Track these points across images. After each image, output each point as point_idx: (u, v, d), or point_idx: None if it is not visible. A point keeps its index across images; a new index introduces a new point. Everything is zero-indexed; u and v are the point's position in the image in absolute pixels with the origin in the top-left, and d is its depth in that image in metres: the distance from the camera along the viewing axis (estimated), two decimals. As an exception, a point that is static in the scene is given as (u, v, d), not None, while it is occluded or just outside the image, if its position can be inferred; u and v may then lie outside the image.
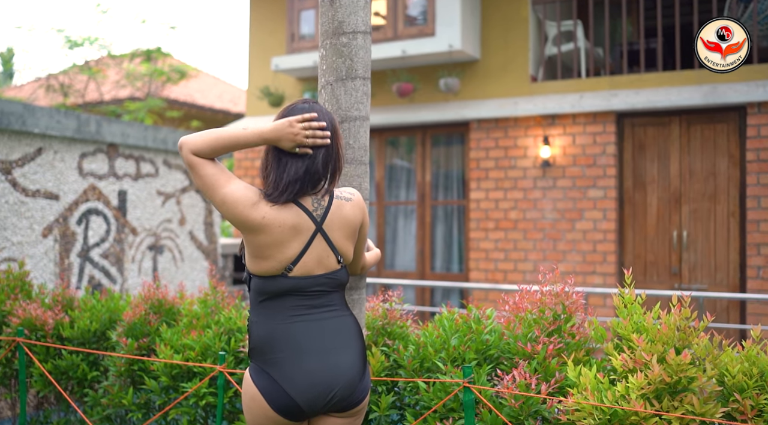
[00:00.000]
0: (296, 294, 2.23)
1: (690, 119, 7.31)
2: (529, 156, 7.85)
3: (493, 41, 8.24)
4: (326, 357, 2.18)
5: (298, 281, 2.22)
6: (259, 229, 2.17)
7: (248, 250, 2.24)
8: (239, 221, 2.18)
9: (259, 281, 2.23)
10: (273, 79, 9.35)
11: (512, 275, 7.91)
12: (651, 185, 7.48)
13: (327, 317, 2.26)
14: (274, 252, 2.19)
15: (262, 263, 2.21)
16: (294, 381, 2.14)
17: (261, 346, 2.20)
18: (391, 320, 3.05)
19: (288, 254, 2.20)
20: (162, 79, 13.43)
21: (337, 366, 2.18)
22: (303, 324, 2.21)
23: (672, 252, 7.37)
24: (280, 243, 2.19)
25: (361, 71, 2.82)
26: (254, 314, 2.27)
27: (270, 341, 2.19)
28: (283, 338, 2.18)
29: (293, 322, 2.21)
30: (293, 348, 2.17)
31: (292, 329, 2.20)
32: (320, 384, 2.16)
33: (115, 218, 6.56)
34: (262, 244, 2.19)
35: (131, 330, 3.41)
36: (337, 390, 2.18)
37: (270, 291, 2.22)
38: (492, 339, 2.77)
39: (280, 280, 2.21)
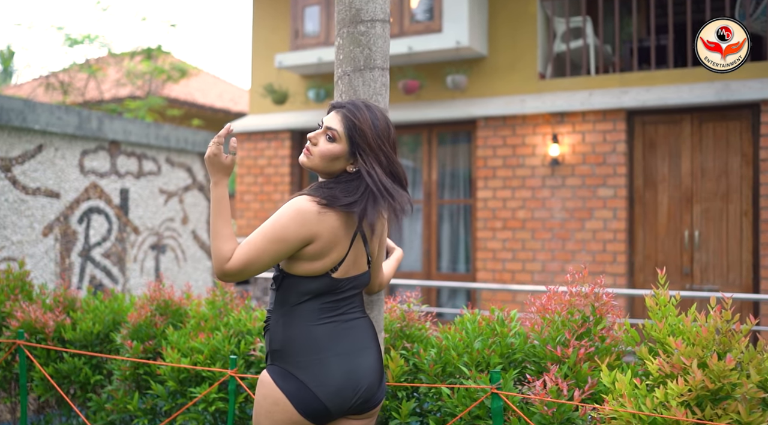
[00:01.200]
0: (329, 295, 2.12)
1: (702, 116, 7.18)
2: (537, 154, 7.72)
3: (500, 38, 8.11)
4: (353, 359, 2.10)
5: (337, 281, 2.12)
6: (311, 242, 2.07)
7: (301, 254, 2.10)
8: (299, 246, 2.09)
9: (299, 281, 2.10)
10: (277, 77, 9.21)
11: (520, 275, 7.78)
12: (662, 184, 7.35)
13: (351, 318, 2.18)
14: (328, 253, 2.09)
15: (314, 263, 2.09)
16: (325, 385, 2.03)
17: (288, 348, 2.07)
18: (409, 322, 2.92)
19: (338, 254, 2.11)
20: (162, 77, 13.29)
21: (362, 368, 2.11)
22: (332, 325, 2.11)
23: (683, 252, 7.24)
24: (332, 245, 2.09)
25: (379, 61, 2.69)
26: (279, 315, 2.13)
27: (299, 343, 2.06)
28: (313, 340, 2.07)
29: (324, 323, 2.10)
30: (323, 351, 2.06)
31: (322, 330, 2.09)
32: (348, 387, 2.07)
33: (117, 216, 6.43)
34: (313, 251, 2.08)
35: (136, 332, 3.28)
36: (361, 392, 2.11)
37: (308, 291, 2.10)
38: (517, 343, 2.64)
39: (323, 280, 2.10)
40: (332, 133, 2.13)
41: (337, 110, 2.20)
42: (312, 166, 2.17)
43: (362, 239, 2.18)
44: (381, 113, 2.20)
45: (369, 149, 2.12)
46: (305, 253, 2.05)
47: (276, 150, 9.18)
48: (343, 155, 2.14)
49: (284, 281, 2.11)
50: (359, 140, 2.12)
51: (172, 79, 13.42)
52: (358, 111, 2.16)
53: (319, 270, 2.08)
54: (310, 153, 2.16)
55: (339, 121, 2.15)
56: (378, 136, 2.14)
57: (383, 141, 2.15)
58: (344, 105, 2.20)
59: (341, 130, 2.14)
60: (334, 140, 2.13)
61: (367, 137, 2.11)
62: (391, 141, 2.19)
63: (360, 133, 2.12)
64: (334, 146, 2.13)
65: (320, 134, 2.17)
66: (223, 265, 1.98)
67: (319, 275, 2.10)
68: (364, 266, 2.21)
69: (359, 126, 2.12)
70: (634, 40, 7.64)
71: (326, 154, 2.14)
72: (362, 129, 2.12)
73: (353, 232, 2.14)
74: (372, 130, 2.13)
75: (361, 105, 2.19)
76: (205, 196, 7.40)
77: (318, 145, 2.15)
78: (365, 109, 2.18)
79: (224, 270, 1.99)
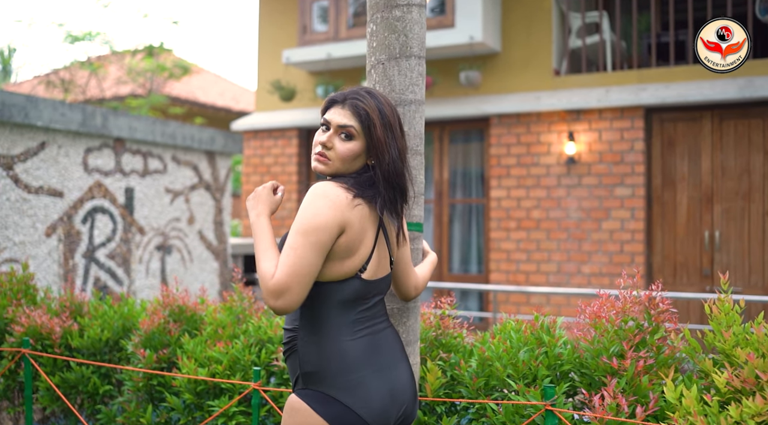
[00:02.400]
0: (360, 303, 1.92)
1: (723, 113, 6.98)
2: (552, 153, 7.52)
3: (514, 33, 7.91)
4: (392, 375, 1.92)
5: (367, 284, 1.92)
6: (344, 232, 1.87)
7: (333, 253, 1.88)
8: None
9: (327, 288, 1.87)
10: (284, 73, 9.00)
11: (535, 277, 7.58)
12: (681, 183, 7.15)
13: (382, 329, 2.00)
14: (359, 246, 1.89)
15: (344, 262, 1.87)
16: (370, 407, 1.82)
17: (325, 370, 1.85)
18: (444, 330, 2.72)
19: (366, 250, 1.92)
20: (164, 75, 13.09)
21: (400, 383, 1.94)
22: (368, 339, 1.92)
23: (703, 253, 7.04)
24: (360, 238, 1.89)
25: (416, 49, 2.48)
26: (309, 333, 1.90)
27: (337, 362, 1.85)
28: (351, 357, 1.86)
29: (359, 337, 1.90)
30: (363, 368, 1.86)
31: (359, 345, 1.88)
32: (393, 406, 1.88)
33: (122, 216, 6.22)
34: (350, 239, 1.87)
35: (149, 340, 3.07)
36: (404, 409, 1.94)
37: (339, 300, 1.89)
38: (565, 353, 2.44)
39: (353, 283, 1.89)
40: (348, 130, 1.95)
41: (341, 103, 2.00)
42: (332, 172, 1.97)
43: (384, 235, 2.01)
44: (384, 98, 2.02)
45: (382, 139, 1.94)
46: (337, 247, 1.84)
47: (283, 148, 8.98)
48: (363, 152, 1.96)
49: (312, 291, 1.89)
50: (373, 131, 1.94)
51: (174, 76, 13.22)
52: (363, 100, 1.97)
53: (349, 271, 1.88)
54: (326, 159, 1.97)
55: (350, 115, 1.96)
56: (388, 124, 1.97)
57: (393, 129, 1.98)
58: (346, 96, 2.00)
59: (356, 124, 1.95)
60: (351, 137, 1.95)
61: (377, 127, 1.93)
62: (400, 127, 2.02)
63: (372, 123, 1.94)
64: (354, 144, 1.95)
65: (333, 136, 1.97)
66: (267, 283, 1.72)
67: (349, 277, 1.90)
68: (387, 267, 2.03)
69: (371, 115, 1.94)
70: (652, 35, 7.44)
71: (347, 155, 1.95)
72: (373, 119, 1.94)
73: (377, 226, 1.96)
74: (380, 118, 1.95)
75: (363, 93, 2.00)
76: (212, 195, 7.19)
77: (335, 147, 1.96)
78: (369, 96, 1.99)
79: (269, 289, 1.71)
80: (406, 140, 2.05)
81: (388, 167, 1.93)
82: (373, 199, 1.91)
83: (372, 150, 1.94)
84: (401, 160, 1.97)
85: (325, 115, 2.00)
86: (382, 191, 1.94)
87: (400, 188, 1.97)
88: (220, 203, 7.31)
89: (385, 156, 1.93)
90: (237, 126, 9.22)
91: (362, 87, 2.05)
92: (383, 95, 2.03)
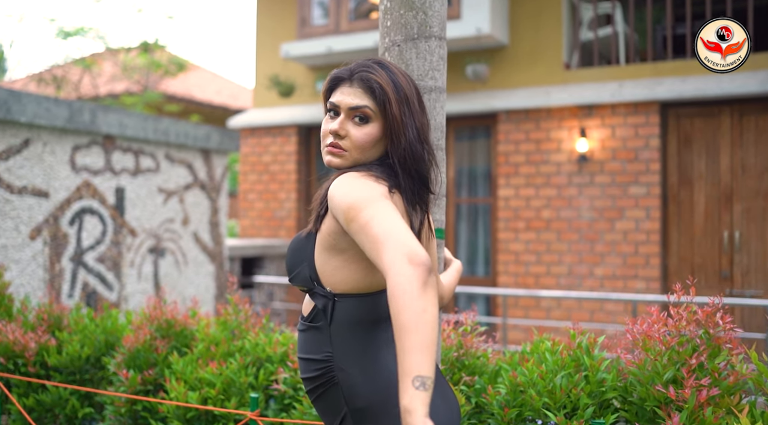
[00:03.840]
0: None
1: (743, 108, 6.65)
2: (563, 150, 7.19)
3: (523, 25, 7.58)
4: (449, 391, 1.62)
5: None
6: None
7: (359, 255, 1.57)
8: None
9: (357, 302, 1.57)
10: (283, 68, 8.66)
11: (545, 279, 7.25)
12: (698, 182, 6.83)
13: None
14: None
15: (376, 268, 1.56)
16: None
17: (383, 401, 1.52)
18: (467, 349, 2.39)
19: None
20: (159, 71, 12.75)
21: (454, 402, 1.62)
22: None
23: (722, 255, 6.72)
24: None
25: (437, 28, 2.16)
26: (351, 357, 1.58)
27: (390, 390, 1.51)
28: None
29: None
30: None
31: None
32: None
33: (112, 217, 5.89)
34: None
35: (133, 358, 2.74)
36: None
37: (378, 313, 1.58)
38: (609, 379, 2.12)
39: (384, 295, 1.57)
40: (362, 111, 1.62)
41: (348, 81, 1.66)
42: (351, 164, 1.64)
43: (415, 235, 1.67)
44: (398, 68, 1.69)
45: (398, 117, 1.60)
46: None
47: (282, 146, 8.64)
48: (382, 135, 1.63)
49: (338, 309, 1.57)
50: (388, 109, 1.60)
51: (170, 73, 12.88)
52: (374, 72, 1.64)
53: (384, 279, 1.55)
54: (341, 149, 1.63)
55: (362, 93, 1.63)
56: (404, 99, 1.62)
57: (410, 103, 1.63)
58: (353, 71, 1.66)
59: (370, 103, 1.62)
60: (367, 119, 1.62)
61: (392, 103, 1.60)
62: (418, 101, 1.68)
63: (387, 99, 1.60)
64: (371, 127, 1.63)
65: (345, 121, 1.64)
66: (416, 268, 1.23)
67: (379, 290, 1.58)
68: None
69: (385, 89, 1.61)
70: (667, 27, 7.11)
71: (366, 141, 1.62)
72: (388, 93, 1.60)
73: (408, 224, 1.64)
74: (395, 92, 1.61)
75: (372, 64, 1.66)
76: (207, 195, 6.86)
77: (349, 134, 1.63)
78: (380, 68, 1.65)
79: (423, 269, 1.24)
80: (427, 115, 1.71)
81: (404, 152, 1.60)
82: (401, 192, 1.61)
83: (386, 131, 1.62)
84: (420, 141, 1.63)
85: (331, 98, 1.67)
86: (401, 181, 1.61)
87: (419, 176, 1.63)
88: (216, 203, 6.98)
89: (401, 138, 1.60)
90: (234, 123, 8.88)
91: (370, 58, 1.71)
92: (396, 65, 1.70)
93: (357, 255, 1.57)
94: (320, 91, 1.76)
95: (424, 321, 1.17)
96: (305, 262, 1.64)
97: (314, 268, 1.62)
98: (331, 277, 1.60)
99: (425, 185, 1.65)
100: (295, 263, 1.68)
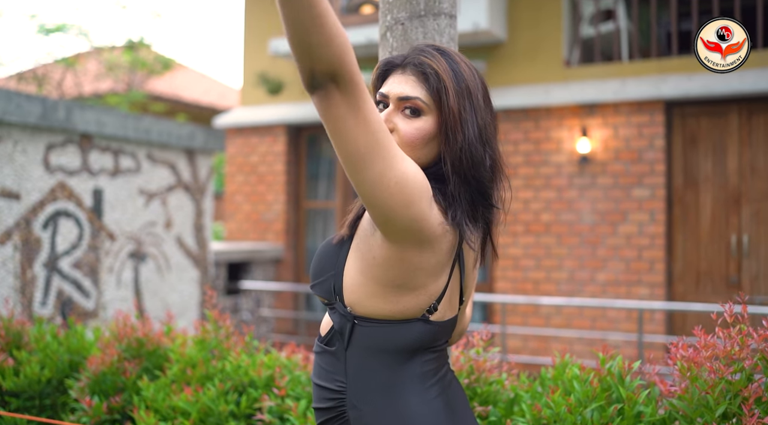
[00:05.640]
0: (426, 351, 1.38)
1: (751, 107, 6.38)
2: (564, 150, 6.91)
3: (521, 21, 7.29)
4: None
5: (437, 328, 1.38)
6: (429, 242, 1.30)
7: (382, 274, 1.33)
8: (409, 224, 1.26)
9: (384, 329, 1.33)
10: (271, 65, 8.34)
11: (545, 285, 6.96)
12: (705, 184, 6.55)
13: (450, 380, 1.45)
14: (429, 281, 1.33)
15: (406, 297, 1.33)
16: None
17: None
18: (479, 374, 2.09)
19: (439, 285, 1.36)
20: (145, 71, 12.40)
21: None
22: (443, 398, 1.38)
23: (730, 260, 6.44)
24: (440, 267, 1.34)
25: (447, 5, 1.86)
26: (367, 393, 1.34)
27: None
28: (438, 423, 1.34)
29: (434, 396, 1.36)
30: None
31: (435, 408, 1.35)
32: None
33: (89, 221, 5.55)
34: (419, 266, 1.31)
35: (98, 383, 2.41)
36: None
37: (402, 345, 1.34)
38: (647, 412, 1.81)
39: (417, 327, 1.34)
40: (414, 103, 1.34)
41: (401, 67, 1.39)
42: None
43: (460, 265, 1.42)
44: (460, 56, 1.40)
45: (455, 111, 1.32)
46: (419, 264, 1.30)
47: (270, 146, 8.31)
48: (437, 131, 1.35)
49: (357, 333, 1.34)
50: (444, 100, 1.32)
51: (156, 72, 12.54)
52: (431, 57, 1.36)
53: (415, 308, 1.34)
54: None
55: (415, 82, 1.35)
56: (466, 91, 1.34)
57: (472, 97, 1.35)
58: (407, 57, 1.38)
59: (424, 94, 1.34)
60: (419, 112, 1.34)
61: (449, 94, 1.32)
62: (484, 97, 1.39)
63: (444, 89, 1.32)
64: (424, 121, 1.35)
65: (394, 112, 1.36)
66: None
67: (413, 318, 1.34)
68: (456, 305, 1.45)
69: (442, 78, 1.33)
70: (672, 23, 6.83)
71: (417, 137, 1.34)
72: (445, 82, 1.32)
73: (454, 252, 1.38)
74: (455, 82, 1.33)
75: (430, 49, 1.38)
76: (191, 197, 6.53)
77: (397, 129, 1.35)
78: (438, 54, 1.37)
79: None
80: (494, 115, 1.42)
81: (460, 153, 1.32)
82: (455, 215, 1.33)
83: (442, 127, 1.34)
84: (483, 142, 1.35)
85: (381, 88, 1.40)
86: (455, 192, 1.33)
87: (477, 184, 1.35)
88: (201, 205, 6.65)
89: (457, 135, 1.32)
90: (220, 122, 8.55)
91: (429, 43, 1.43)
92: (460, 54, 1.41)
93: (392, 280, 1.32)
94: (369, 83, 1.48)
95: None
96: (334, 271, 1.41)
97: (341, 280, 1.38)
98: (352, 294, 1.35)
99: (484, 195, 1.37)
100: (324, 269, 1.43)
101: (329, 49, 1.10)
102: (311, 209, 8.42)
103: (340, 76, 1.13)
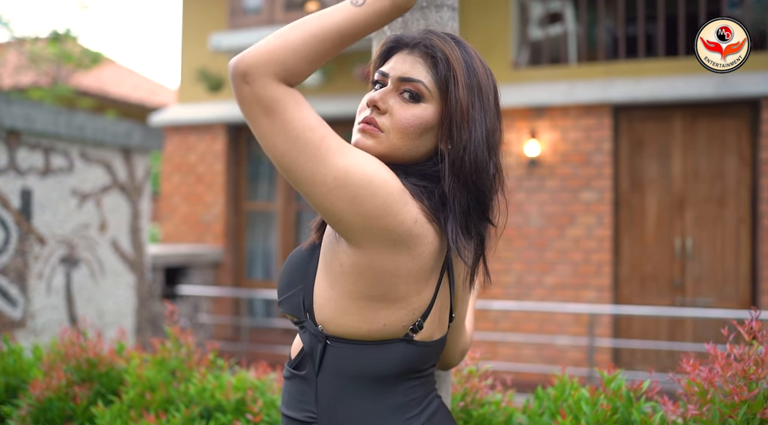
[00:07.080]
0: (410, 375, 1.21)
1: (695, 112, 6.48)
2: (512, 153, 6.86)
3: (469, 21, 7.20)
4: None
5: (422, 349, 1.21)
6: (403, 243, 1.12)
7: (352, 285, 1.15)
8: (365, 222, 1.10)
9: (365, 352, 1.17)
10: (212, 60, 8.02)
11: (492, 289, 6.89)
12: (650, 187, 6.61)
13: (436, 408, 1.26)
14: (410, 292, 1.16)
15: (383, 312, 1.16)
16: None
17: None
18: (473, 394, 1.93)
19: (424, 298, 1.18)
20: (71, 64, 11.82)
21: None
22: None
23: (674, 262, 6.52)
24: (423, 275, 1.16)
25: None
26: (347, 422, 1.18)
27: None
28: None
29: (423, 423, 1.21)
30: None
31: None
32: None
33: (17, 223, 5.15)
34: (395, 273, 1.13)
35: (43, 410, 2.15)
36: None
37: (381, 370, 1.17)
38: (661, 436, 1.70)
39: (400, 348, 1.18)
40: (415, 86, 1.18)
41: (409, 47, 1.23)
42: (384, 151, 1.18)
43: (449, 277, 1.26)
44: (475, 52, 1.26)
45: (463, 105, 1.17)
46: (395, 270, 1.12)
47: (209, 145, 7.99)
48: (435, 123, 1.19)
49: (329, 355, 1.18)
50: (452, 91, 1.17)
51: (83, 66, 11.97)
52: (445, 43, 1.20)
53: (396, 326, 1.16)
54: (377, 128, 1.19)
55: (422, 65, 1.20)
56: (477, 87, 1.19)
57: (483, 95, 1.20)
58: (420, 39, 1.22)
59: (428, 79, 1.18)
60: (419, 98, 1.18)
61: (459, 86, 1.17)
62: (495, 98, 1.24)
63: (454, 78, 1.17)
64: (423, 109, 1.18)
65: (390, 92, 1.20)
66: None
67: (393, 339, 1.17)
68: (446, 323, 1.29)
69: (453, 66, 1.18)
70: (619, 27, 6.87)
71: (411, 125, 1.18)
72: (455, 71, 1.17)
73: (441, 263, 1.20)
74: (466, 75, 1.18)
75: (445, 35, 1.23)
76: (128, 198, 6.18)
77: (391, 111, 1.18)
78: (454, 42, 1.22)
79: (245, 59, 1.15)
80: (503, 123, 1.26)
81: (463, 154, 1.16)
82: (446, 221, 1.16)
83: (444, 120, 1.17)
84: (488, 147, 1.18)
85: (382, 67, 1.24)
86: (449, 194, 1.16)
87: (477, 191, 1.18)
88: (137, 207, 6.30)
89: (462, 133, 1.16)
90: (156, 120, 8.18)
91: (445, 30, 1.27)
92: (475, 50, 1.25)
93: (363, 291, 1.15)
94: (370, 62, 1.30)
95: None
96: (302, 284, 1.23)
97: (311, 294, 1.21)
98: (323, 309, 1.18)
99: (482, 206, 1.20)
100: (292, 282, 1.26)
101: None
102: (252, 211, 8.14)
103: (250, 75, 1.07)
